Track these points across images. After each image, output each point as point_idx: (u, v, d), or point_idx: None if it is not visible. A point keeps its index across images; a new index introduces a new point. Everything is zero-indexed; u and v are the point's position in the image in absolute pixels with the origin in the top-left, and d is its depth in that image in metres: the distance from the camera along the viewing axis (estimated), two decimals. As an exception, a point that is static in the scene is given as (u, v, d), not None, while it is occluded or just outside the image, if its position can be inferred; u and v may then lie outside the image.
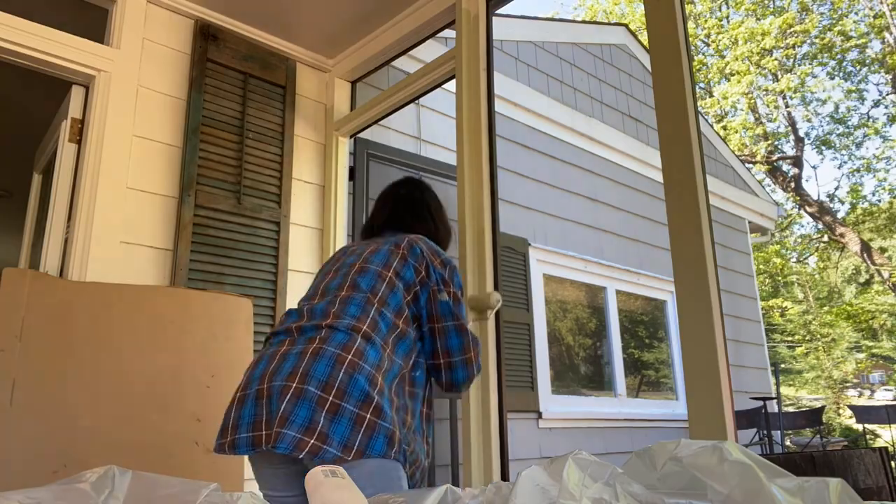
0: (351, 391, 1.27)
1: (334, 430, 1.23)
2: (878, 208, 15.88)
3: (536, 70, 4.93)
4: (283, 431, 1.22)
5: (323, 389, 1.26)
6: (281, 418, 1.24)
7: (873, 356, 15.99)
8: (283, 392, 1.27)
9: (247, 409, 1.31)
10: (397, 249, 1.54)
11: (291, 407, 1.25)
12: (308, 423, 1.23)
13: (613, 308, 5.17)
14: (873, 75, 15.88)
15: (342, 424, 1.24)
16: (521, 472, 0.76)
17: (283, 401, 1.26)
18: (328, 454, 1.21)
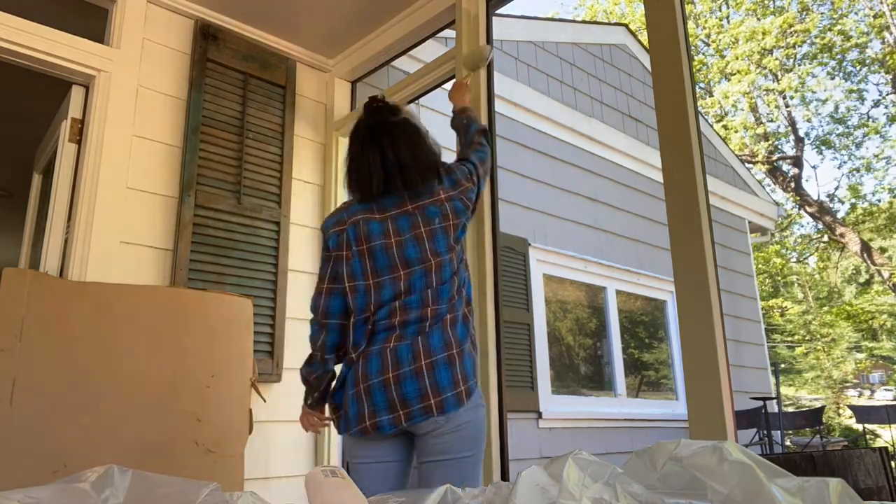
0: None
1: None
2: (878, 208, 15.87)
3: (536, 70, 4.93)
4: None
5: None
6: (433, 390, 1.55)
7: (873, 356, 15.99)
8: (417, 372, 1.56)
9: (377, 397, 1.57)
10: (448, 223, 1.70)
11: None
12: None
13: (613, 308, 5.17)
14: (873, 75, 15.88)
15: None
16: (521, 472, 0.76)
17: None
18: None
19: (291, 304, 2.83)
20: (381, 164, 1.70)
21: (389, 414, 1.56)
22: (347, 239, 1.70)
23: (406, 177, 1.69)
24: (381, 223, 1.69)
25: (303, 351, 2.85)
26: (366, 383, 1.59)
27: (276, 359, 2.71)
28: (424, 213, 1.69)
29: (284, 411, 2.75)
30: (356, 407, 1.60)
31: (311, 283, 2.96)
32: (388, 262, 1.66)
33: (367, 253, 1.67)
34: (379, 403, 1.57)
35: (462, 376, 1.58)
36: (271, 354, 2.69)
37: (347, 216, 1.73)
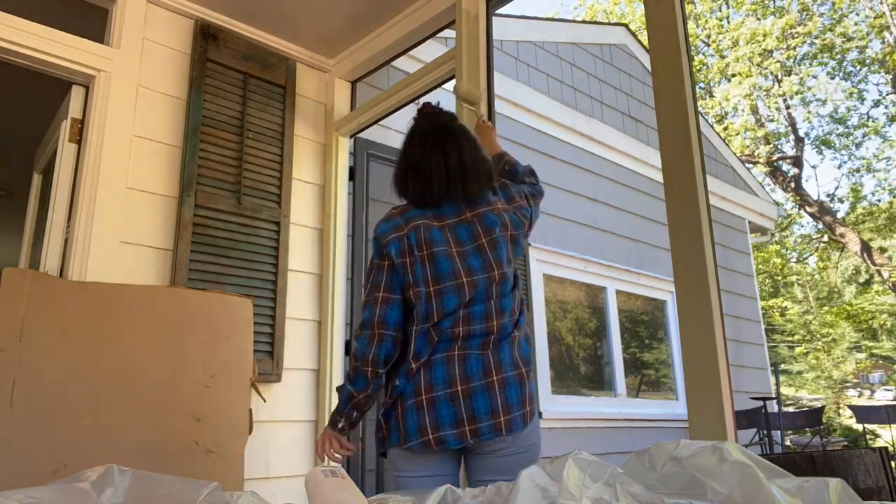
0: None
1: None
2: (878, 208, 15.87)
3: (536, 70, 4.93)
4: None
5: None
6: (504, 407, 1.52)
7: (873, 356, 15.99)
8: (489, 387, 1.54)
9: (443, 410, 1.53)
10: (506, 233, 1.67)
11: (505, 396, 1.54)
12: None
13: (613, 308, 5.17)
14: (873, 75, 15.89)
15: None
16: (521, 472, 0.76)
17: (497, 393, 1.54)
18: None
19: (291, 304, 2.83)
20: (444, 165, 1.65)
21: (455, 429, 1.50)
22: (409, 244, 1.62)
23: (467, 181, 1.66)
24: (441, 231, 1.63)
25: (302, 350, 2.86)
26: (429, 395, 1.52)
27: (276, 359, 2.71)
28: (484, 222, 1.65)
29: (284, 411, 2.75)
30: (416, 418, 1.52)
31: (311, 283, 2.96)
32: (451, 270, 1.59)
33: (429, 258, 1.60)
34: (444, 417, 1.50)
35: (528, 397, 1.56)
36: (271, 354, 2.70)
37: (404, 221, 1.65)
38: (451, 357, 1.55)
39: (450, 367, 1.54)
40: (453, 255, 1.61)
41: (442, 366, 1.55)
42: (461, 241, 1.63)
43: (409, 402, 1.55)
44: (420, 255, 1.61)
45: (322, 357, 2.91)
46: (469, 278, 1.59)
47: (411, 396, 1.55)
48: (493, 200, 1.70)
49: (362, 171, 3.23)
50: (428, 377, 1.55)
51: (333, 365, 2.89)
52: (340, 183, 3.11)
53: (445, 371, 1.54)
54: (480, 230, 1.64)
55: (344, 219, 3.09)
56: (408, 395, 1.56)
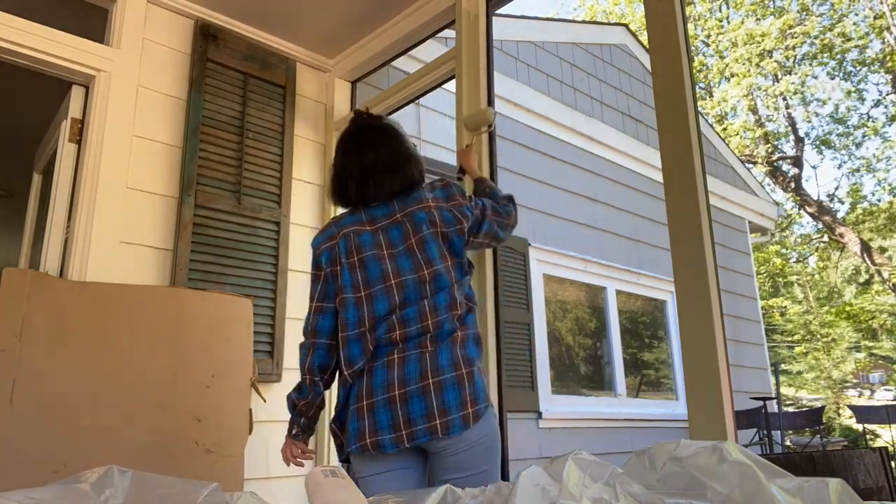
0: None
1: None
2: (878, 208, 15.87)
3: (536, 70, 4.93)
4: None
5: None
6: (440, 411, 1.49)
7: (873, 356, 15.99)
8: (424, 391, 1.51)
9: (381, 415, 1.52)
10: (436, 230, 1.64)
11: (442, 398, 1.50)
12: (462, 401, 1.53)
13: (613, 308, 5.17)
14: (873, 75, 15.89)
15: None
16: (521, 472, 0.76)
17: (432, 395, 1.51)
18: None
19: (291, 304, 2.83)
20: (357, 165, 1.70)
21: (392, 433, 1.51)
22: (338, 252, 1.66)
23: (382, 178, 1.68)
24: (372, 234, 1.66)
25: (303, 351, 2.86)
26: (370, 400, 1.54)
27: (276, 359, 2.71)
28: (413, 220, 1.65)
29: (284, 411, 2.75)
30: (356, 424, 1.55)
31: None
32: (380, 273, 1.61)
33: (359, 264, 1.63)
34: (382, 422, 1.52)
35: (471, 397, 1.52)
36: (271, 354, 2.69)
37: (337, 230, 1.70)
38: (390, 361, 1.56)
39: (388, 372, 1.55)
40: (383, 258, 1.62)
41: (382, 371, 1.56)
42: (393, 243, 1.64)
43: (351, 408, 1.58)
44: (349, 261, 1.64)
45: (322, 357, 2.90)
46: (397, 279, 1.60)
47: (353, 402, 1.58)
48: (427, 198, 1.69)
49: (362, 171, 3.22)
50: (369, 382, 1.56)
51: (333, 365, 2.89)
52: (340, 183, 3.10)
53: (384, 376, 1.55)
54: (410, 229, 1.64)
55: (344, 219, 3.08)
56: (352, 401, 1.59)
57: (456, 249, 1.67)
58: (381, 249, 1.63)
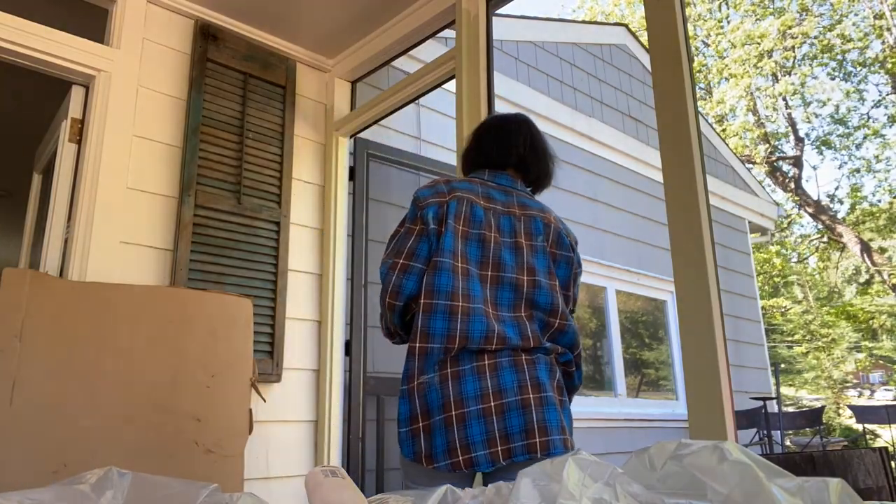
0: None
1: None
2: (878, 208, 15.87)
3: (536, 70, 4.93)
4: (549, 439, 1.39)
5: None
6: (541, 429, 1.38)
7: (873, 356, 15.99)
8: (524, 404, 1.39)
9: (474, 428, 1.37)
10: (548, 247, 1.57)
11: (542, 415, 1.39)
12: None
13: (613, 308, 5.17)
14: (873, 76, 15.89)
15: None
16: (521, 472, 0.76)
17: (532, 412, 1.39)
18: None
19: (291, 304, 2.83)
20: (524, 139, 1.64)
21: (487, 449, 1.34)
22: (446, 211, 1.48)
23: (537, 162, 1.65)
24: (485, 211, 1.51)
25: (302, 350, 2.87)
26: (459, 410, 1.36)
27: (276, 359, 2.71)
28: (529, 224, 1.55)
29: (284, 411, 2.75)
30: (444, 437, 1.37)
31: (311, 283, 2.96)
32: (480, 257, 1.48)
33: (463, 236, 1.47)
34: (475, 436, 1.35)
35: (567, 426, 1.46)
36: (271, 354, 2.69)
37: (447, 189, 1.52)
38: (482, 367, 1.44)
39: (482, 380, 1.43)
40: (489, 242, 1.49)
41: (473, 378, 1.44)
42: (501, 231, 1.52)
43: (437, 418, 1.42)
44: (455, 226, 1.47)
45: (322, 357, 2.91)
46: (496, 273, 1.48)
47: (439, 411, 1.42)
48: (550, 212, 1.64)
49: (362, 171, 3.23)
50: (457, 388, 1.43)
51: (333, 365, 2.89)
52: (340, 183, 3.11)
53: (478, 384, 1.43)
54: (523, 229, 1.54)
55: (344, 219, 3.09)
56: (435, 407, 1.43)
57: (561, 276, 1.57)
58: (490, 231, 1.49)
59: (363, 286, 3.12)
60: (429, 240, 1.48)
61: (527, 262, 1.51)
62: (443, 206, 1.49)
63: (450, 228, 1.46)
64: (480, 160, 1.66)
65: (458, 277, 1.43)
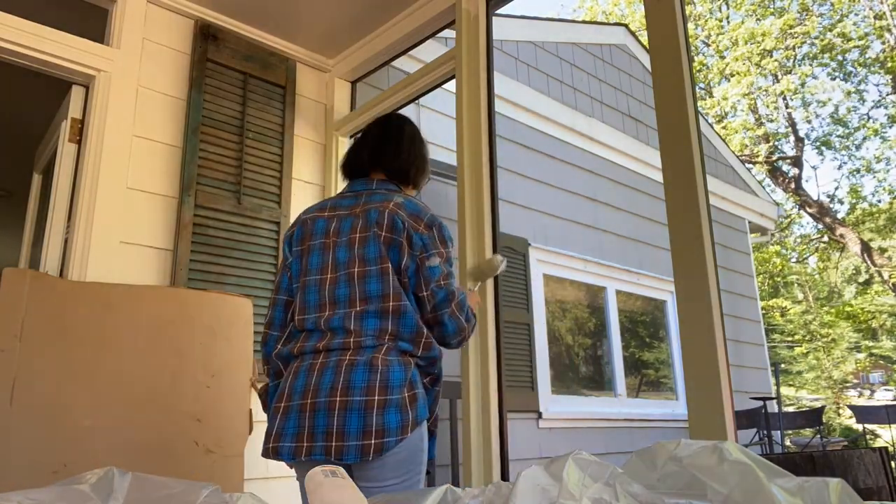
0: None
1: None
2: (878, 209, 15.87)
3: (536, 70, 4.93)
4: (345, 444, 1.38)
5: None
6: (338, 432, 1.39)
7: (873, 356, 15.99)
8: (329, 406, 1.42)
9: (291, 421, 1.45)
10: (381, 232, 1.53)
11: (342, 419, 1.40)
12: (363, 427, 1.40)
13: (613, 308, 5.17)
14: (873, 76, 15.88)
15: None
16: (521, 472, 0.76)
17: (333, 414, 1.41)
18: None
19: (291, 305, 2.83)
20: (373, 140, 1.73)
21: (293, 442, 1.42)
22: (292, 240, 1.66)
23: (380, 151, 1.70)
24: (326, 220, 1.63)
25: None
26: (287, 402, 1.48)
27: (276, 359, 2.70)
28: (365, 218, 1.57)
29: (284, 411, 2.75)
30: (270, 423, 1.50)
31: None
32: (319, 264, 1.58)
33: (307, 252, 1.61)
34: (288, 429, 1.45)
35: (377, 428, 1.37)
36: (271, 354, 2.69)
37: (298, 220, 1.71)
38: (314, 365, 1.53)
39: (308, 378, 1.52)
40: (327, 248, 1.59)
41: (304, 375, 1.52)
42: (340, 232, 1.59)
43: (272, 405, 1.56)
44: (299, 248, 1.65)
45: (322, 357, 2.90)
46: (333, 274, 1.56)
47: (276, 400, 1.56)
48: (392, 200, 1.58)
49: (362, 171, 3.22)
50: (292, 383, 1.53)
51: (333, 365, 2.89)
52: (340, 183, 3.10)
53: (304, 381, 1.51)
54: (359, 224, 1.57)
55: (344, 219, 3.08)
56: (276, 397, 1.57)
57: (393, 260, 1.53)
58: (328, 238, 1.60)
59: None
60: (289, 271, 1.66)
61: (357, 255, 1.54)
62: (290, 236, 1.67)
63: (294, 255, 1.64)
64: (345, 172, 1.78)
65: (299, 292, 1.59)
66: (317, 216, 1.66)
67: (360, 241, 1.55)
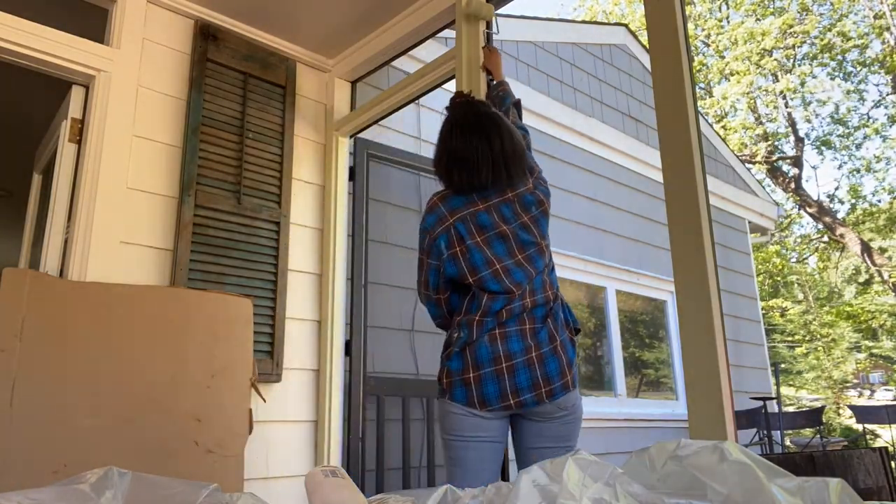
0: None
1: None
2: (878, 208, 15.87)
3: (536, 70, 4.93)
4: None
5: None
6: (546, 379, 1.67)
7: (873, 356, 15.99)
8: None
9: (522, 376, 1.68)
10: (543, 208, 1.82)
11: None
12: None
13: (613, 308, 5.16)
14: (873, 76, 15.88)
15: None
16: (521, 472, 0.76)
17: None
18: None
19: (291, 304, 2.83)
20: (489, 154, 1.73)
21: (499, 401, 1.65)
22: (459, 234, 1.74)
23: (512, 166, 1.75)
24: (487, 213, 1.74)
25: (302, 350, 2.87)
26: (508, 362, 1.67)
27: (276, 359, 2.71)
28: (522, 202, 1.76)
29: (284, 411, 2.75)
30: (496, 385, 1.66)
31: (311, 282, 2.96)
32: (506, 249, 1.72)
33: (486, 242, 1.72)
34: (522, 383, 1.66)
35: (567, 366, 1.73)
36: (271, 354, 2.69)
37: (448, 211, 1.76)
38: (522, 330, 1.76)
39: (523, 338, 1.75)
40: (507, 235, 1.73)
41: (517, 338, 1.74)
42: (507, 220, 1.74)
43: (488, 370, 1.69)
44: (473, 242, 1.73)
45: (322, 357, 2.91)
46: (524, 254, 1.73)
47: (490, 363, 1.71)
48: (528, 180, 1.81)
49: (362, 171, 3.23)
50: (506, 345, 1.72)
51: (333, 365, 2.89)
52: (340, 183, 3.11)
53: (521, 342, 1.73)
54: (520, 209, 1.76)
55: (344, 219, 3.09)
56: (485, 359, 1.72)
57: (544, 231, 1.81)
58: (501, 226, 1.73)
59: (363, 286, 3.11)
60: (452, 262, 1.75)
61: (537, 233, 1.77)
62: (449, 231, 1.75)
63: (471, 246, 1.73)
64: (464, 191, 1.80)
65: (501, 278, 1.70)
66: (475, 210, 1.75)
67: (532, 223, 1.78)
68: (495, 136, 1.74)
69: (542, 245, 1.77)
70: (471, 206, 1.75)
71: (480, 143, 1.73)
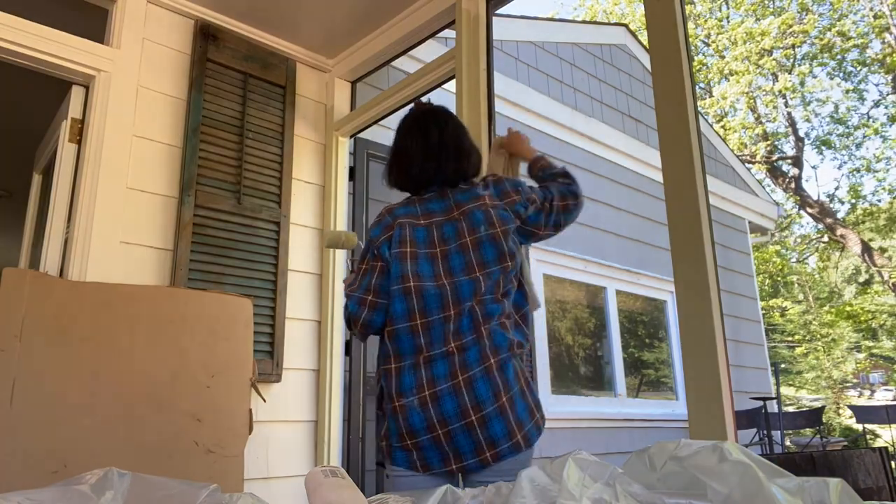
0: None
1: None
2: (878, 208, 15.87)
3: (536, 70, 4.93)
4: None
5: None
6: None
7: (873, 356, 15.99)
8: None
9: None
10: (495, 230, 1.57)
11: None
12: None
13: (613, 308, 5.17)
14: (873, 75, 15.88)
15: None
16: (521, 472, 0.76)
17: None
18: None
19: (291, 304, 2.83)
20: (422, 145, 1.65)
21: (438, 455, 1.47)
22: (394, 241, 1.58)
23: (444, 159, 1.64)
24: (426, 229, 1.59)
25: (302, 350, 2.87)
26: (431, 389, 1.46)
27: (276, 359, 2.71)
28: (469, 220, 1.57)
29: (284, 411, 2.75)
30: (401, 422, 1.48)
31: (311, 283, 2.96)
32: (431, 272, 1.53)
33: (411, 257, 1.55)
34: (417, 425, 1.46)
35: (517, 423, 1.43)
36: (271, 354, 2.69)
37: (392, 220, 1.62)
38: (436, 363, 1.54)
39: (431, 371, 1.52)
40: (436, 257, 1.56)
41: (442, 363, 1.51)
42: (445, 240, 1.57)
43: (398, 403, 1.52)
44: (401, 252, 1.56)
45: (322, 357, 2.91)
46: (450, 280, 1.52)
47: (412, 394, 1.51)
48: (483, 195, 1.61)
49: (362, 171, 3.23)
50: (430, 371, 1.50)
51: (333, 365, 2.89)
52: (340, 183, 3.11)
53: (446, 369, 1.49)
54: (465, 228, 1.57)
55: (344, 219, 3.09)
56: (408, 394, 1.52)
57: (512, 249, 1.57)
58: (434, 248, 1.57)
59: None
60: (390, 267, 1.57)
61: (475, 260, 1.54)
62: (391, 239, 1.59)
63: (399, 255, 1.56)
64: (406, 186, 1.71)
65: (414, 299, 1.52)
66: (413, 222, 1.61)
67: (474, 245, 1.56)
68: (433, 127, 1.67)
69: (479, 273, 1.53)
70: (411, 218, 1.61)
71: (416, 137, 1.68)
